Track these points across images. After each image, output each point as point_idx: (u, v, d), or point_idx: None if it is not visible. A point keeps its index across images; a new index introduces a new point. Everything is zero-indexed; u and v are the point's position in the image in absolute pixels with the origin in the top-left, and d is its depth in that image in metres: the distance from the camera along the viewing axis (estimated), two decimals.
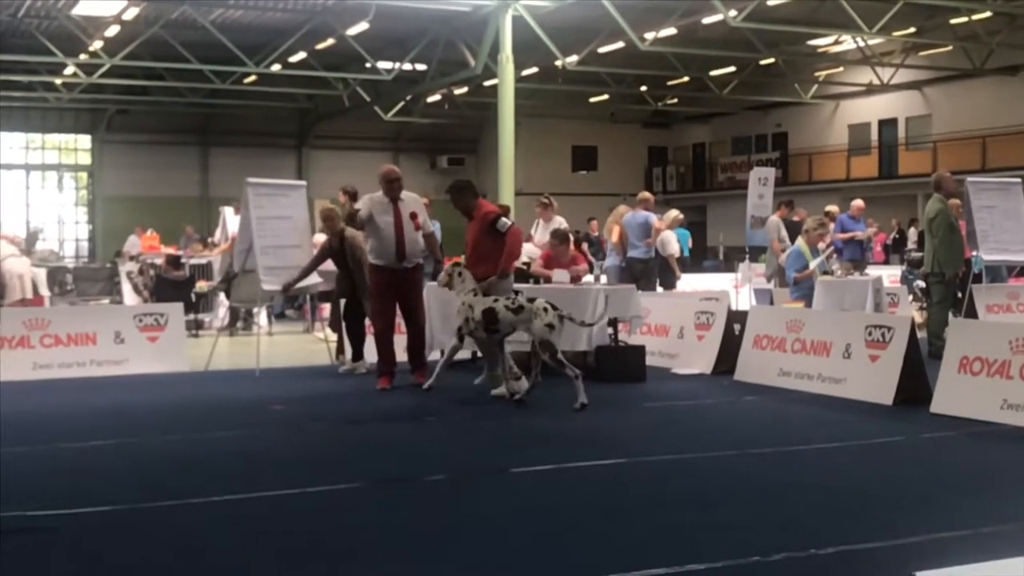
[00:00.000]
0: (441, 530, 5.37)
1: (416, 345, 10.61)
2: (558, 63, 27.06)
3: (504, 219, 9.80)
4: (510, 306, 9.30)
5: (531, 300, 9.42)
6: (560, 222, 14.09)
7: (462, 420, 8.82)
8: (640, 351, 10.93)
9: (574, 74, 30.04)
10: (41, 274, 16.65)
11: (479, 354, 12.21)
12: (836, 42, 30.60)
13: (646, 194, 15.99)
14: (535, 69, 29.86)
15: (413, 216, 10.27)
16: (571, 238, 12.99)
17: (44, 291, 16.46)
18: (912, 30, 28.40)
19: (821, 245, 13.18)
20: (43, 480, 6.61)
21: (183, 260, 18.31)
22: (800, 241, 12.86)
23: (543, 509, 5.80)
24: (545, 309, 9.18)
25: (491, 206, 10.17)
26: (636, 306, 11.17)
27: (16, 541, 5.24)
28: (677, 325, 11.80)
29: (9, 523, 5.51)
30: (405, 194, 10.48)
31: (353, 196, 12.66)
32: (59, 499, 5.99)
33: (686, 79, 33.24)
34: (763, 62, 31.47)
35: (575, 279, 12.13)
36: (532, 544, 5.13)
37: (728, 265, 25.32)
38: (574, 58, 27.28)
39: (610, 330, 10.89)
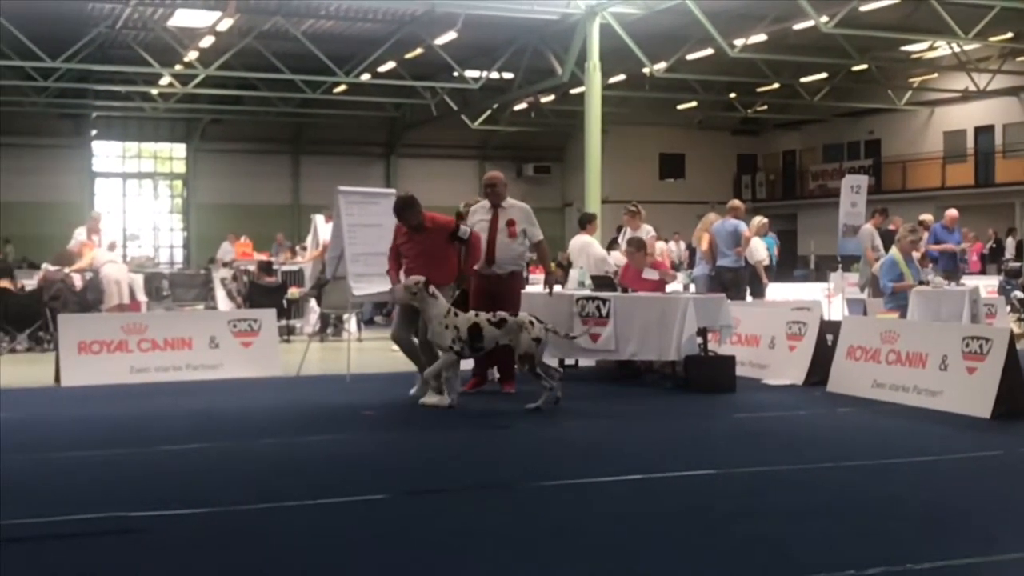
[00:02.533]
0: (530, 538, 5.36)
1: (503, 354, 10.61)
2: (646, 70, 26.94)
3: (464, 226, 10.02)
4: (492, 320, 9.38)
5: (513, 316, 9.51)
6: (648, 230, 14.02)
7: (548, 429, 8.81)
8: (730, 361, 10.81)
9: (662, 81, 29.90)
10: (138, 280, 17.06)
11: (567, 361, 12.25)
12: (931, 48, 30.00)
13: (736, 202, 15.84)
14: (622, 76, 29.76)
15: (510, 223, 10.34)
16: (646, 244, 12.90)
17: (141, 296, 16.86)
18: (1009, 35, 27.69)
19: (916, 254, 12.93)
20: (140, 482, 6.75)
21: (275, 267, 18.62)
22: (894, 250, 12.63)
23: (631, 520, 5.76)
24: (531, 323, 9.32)
25: (442, 216, 10.29)
26: (726, 315, 11.05)
27: (113, 542, 5.36)
28: (768, 335, 11.65)
29: (107, 524, 5.65)
30: (511, 202, 10.58)
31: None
32: (155, 501, 6.11)
33: (776, 86, 32.86)
34: (855, 68, 30.97)
35: (661, 283, 12.05)
36: (619, 555, 5.10)
37: (819, 274, 24.93)
38: (662, 65, 27.13)
39: (699, 340, 10.79)
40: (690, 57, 27.37)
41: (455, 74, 28.51)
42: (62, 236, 25.64)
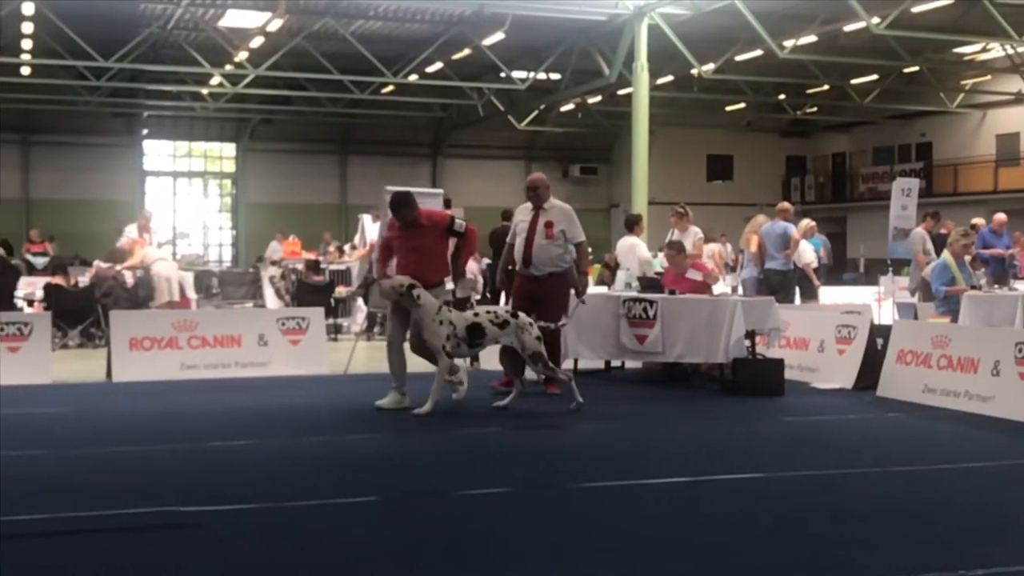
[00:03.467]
0: (576, 539, 5.36)
1: (548, 355, 10.58)
2: (694, 71, 26.80)
3: (459, 220, 9.88)
4: (495, 320, 9.33)
5: (514, 315, 9.45)
6: (696, 232, 13.96)
7: (594, 430, 8.80)
8: (778, 364, 10.73)
9: (710, 82, 29.74)
10: (188, 277, 17.25)
11: (613, 363, 12.22)
12: (984, 50, 29.57)
13: (785, 204, 15.73)
14: (670, 77, 29.63)
15: (548, 225, 10.33)
16: (684, 247, 12.84)
17: (191, 294, 17.05)
18: None
19: (967, 258, 12.77)
20: (190, 477, 6.83)
21: (323, 266, 18.75)
22: (946, 254, 12.48)
23: (678, 522, 5.74)
24: (530, 323, 9.33)
25: (438, 212, 10.20)
26: (775, 318, 10.97)
27: (165, 536, 5.42)
28: (817, 339, 11.55)
29: (159, 518, 5.72)
30: (553, 203, 10.55)
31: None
32: (206, 496, 6.18)
33: (826, 87, 32.56)
34: (907, 70, 30.61)
35: (703, 285, 11.98)
36: (666, 557, 5.09)
37: (869, 278, 24.68)
38: (710, 66, 26.97)
39: (748, 343, 10.72)
40: (739, 58, 27.19)
41: (502, 75, 28.53)
42: (114, 234, 26.04)
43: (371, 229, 16.70)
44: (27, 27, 24.27)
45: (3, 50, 25.56)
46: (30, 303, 15.90)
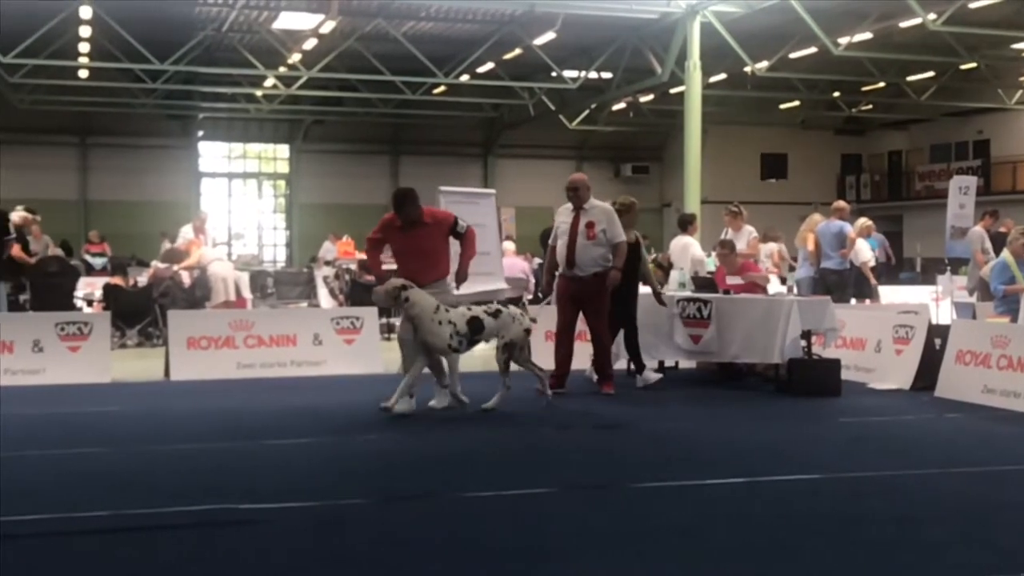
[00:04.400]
0: (635, 539, 5.34)
1: (599, 355, 10.59)
2: (747, 69, 26.61)
3: (462, 221, 9.66)
4: (489, 311, 9.24)
5: (505, 305, 9.45)
6: (750, 231, 13.88)
7: (650, 430, 8.77)
8: (835, 365, 10.63)
9: (764, 80, 29.51)
10: (244, 277, 17.41)
11: (667, 363, 12.17)
12: None
13: (841, 203, 15.59)
14: (723, 76, 29.43)
15: (589, 225, 10.31)
16: (736, 246, 12.76)
17: (247, 294, 17.21)
18: None
19: None
20: (248, 475, 6.90)
21: None
22: (1006, 252, 12.28)
23: (736, 522, 5.70)
24: (521, 314, 9.29)
25: (441, 211, 9.97)
26: (831, 318, 10.86)
27: (224, 533, 5.48)
28: (874, 339, 11.43)
29: (218, 515, 5.78)
30: (593, 203, 10.53)
31: None
32: (264, 493, 6.24)
33: (882, 84, 32.17)
34: (964, 67, 30.14)
35: (753, 285, 11.89)
36: (726, 557, 5.06)
37: (926, 277, 24.36)
38: (764, 64, 26.77)
39: (803, 343, 10.63)
40: (793, 56, 26.96)
41: (553, 74, 28.50)
42: (158, 236, 26.38)
43: None
44: (85, 31, 24.63)
45: (61, 53, 25.97)
46: (89, 303, 16.15)
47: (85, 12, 22.73)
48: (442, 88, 30.43)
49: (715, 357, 11.47)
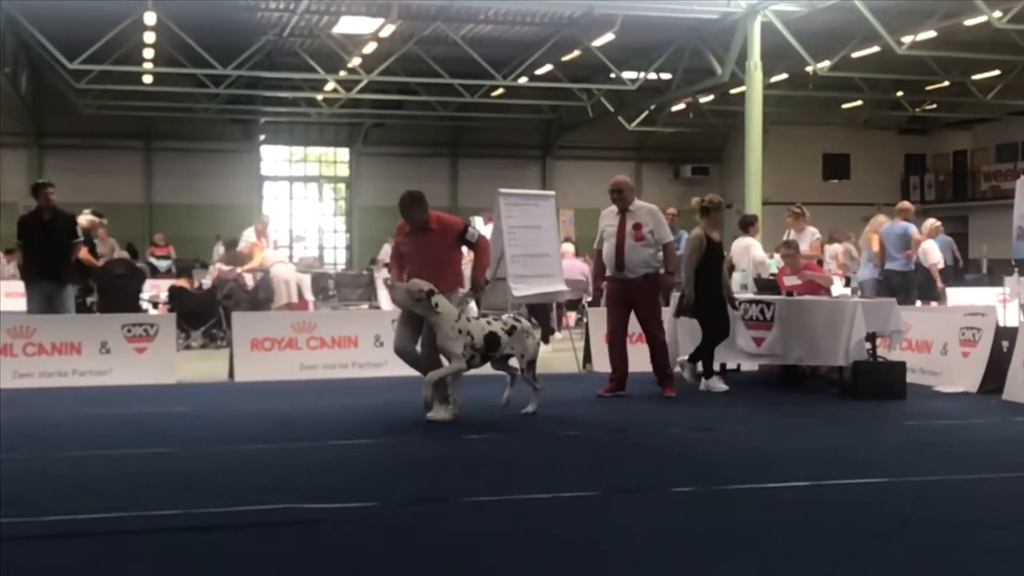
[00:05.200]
0: (691, 543, 5.31)
1: (657, 357, 10.52)
2: (809, 69, 26.33)
3: (472, 228, 9.36)
4: (505, 328, 8.99)
5: (517, 320, 9.21)
6: (813, 233, 13.74)
7: (713, 434, 8.71)
8: (900, 367, 10.48)
9: (826, 80, 29.18)
10: (306, 280, 17.57)
11: (729, 365, 12.07)
12: None
13: (906, 204, 15.37)
14: (784, 75, 29.18)
15: (636, 227, 10.26)
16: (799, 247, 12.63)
17: (308, 296, 17.37)
18: None
19: None
20: (312, 475, 6.95)
21: None
22: None
23: (801, 527, 5.64)
24: (532, 328, 9.14)
25: (450, 216, 9.61)
26: (896, 320, 10.71)
27: (288, 532, 5.53)
28: (940, 341, 11.25)
29: (282, 515, 5.83)
30: (638, 204, 10.48)
31: None
32: (328, 494, 6.29)
33: (946, 84, 31.70)
34: None
35: (814, 285, 11.76)
36: (789, 561, 5.00)
37: (992, 279, 23.94)
38: (826, 64, 26.48)
39: (868, 345, 10.50)
40: (855, 55, 26.63)
41: (612, 75, 28.44)
42: (212, 239, 26.69)
43: (482, 231, 16.78)
44: (149, 36, 25.01)
45: (127, 59, 26.40)
46: (155, 305, 16.39)
47: (150, 18, 23.07)
48: (501, 90, 30.48)
49: (778, 360, 11.37)
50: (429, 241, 9.05)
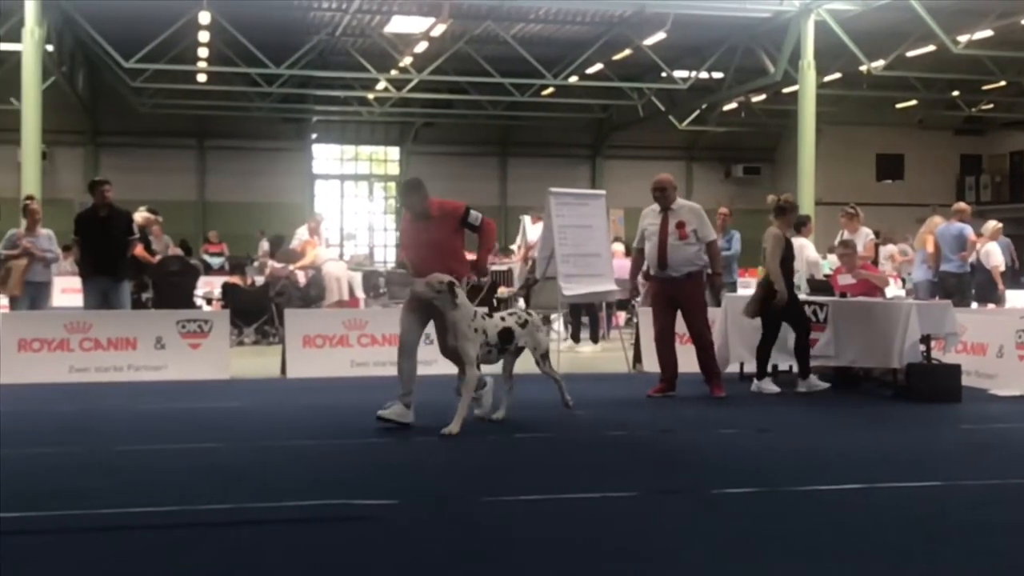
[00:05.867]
0: (742, 547, 5.26)
1: (703, 357, 10.45)
2: (863, 68, 26.08)
3: (474, 212, 8.86)
4: (519, 322, 8.81)
5: (529, 314, 9.07)
6: (867, 233, 13.60)
7: (761, 435, 8.65)
8: (955, 370, 10.35)
9: (880, 79, 28.89)
10: (357, 277, 17.68)
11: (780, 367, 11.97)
12: None
13: (962, 205, 15.17)
14: (838, 75, 28.92)
15: (679, 225, 10.20)
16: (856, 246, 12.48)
17: (359, 293, 17.47)
18: None
19: None
20: (365, 471, 7.00)
21: None
22: None
23: (854, 530, 5.57)
24: (542, 320, 9.00)
25: (451, 202, 9.11)
26: (952, 323, 10.57)
27: (341, 528, 5.56)
28: (996, 344, 11.08)
29: (334, 511, 5.87)
30: (681, 203, 10.44)
31: None
32: (381, 490, 6.32)
33: (1003, 83, 31.26)
34: None
35: (868, 285, 11.64)
36: (843, 564, 4.95)
37: None
38: (880, 63, 26.21)
39: (923, 347, 10.37)
40: (910, 54, 26.33)
41: (663, 74, 28.34)
42: (257, 236, 26.86)
43: (531, 230, 16.81)
44: (203, 36, 25.30)
45: (181, 58, 26.72)
46: (208, 301, 16.58)
47: (204, 18, 23.34)
48: (551, 89, 30.48)
49: (830, 361, 11.26)
50: (431, 228, 8.70)
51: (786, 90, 28.10)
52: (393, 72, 28.63)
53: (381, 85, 30.47)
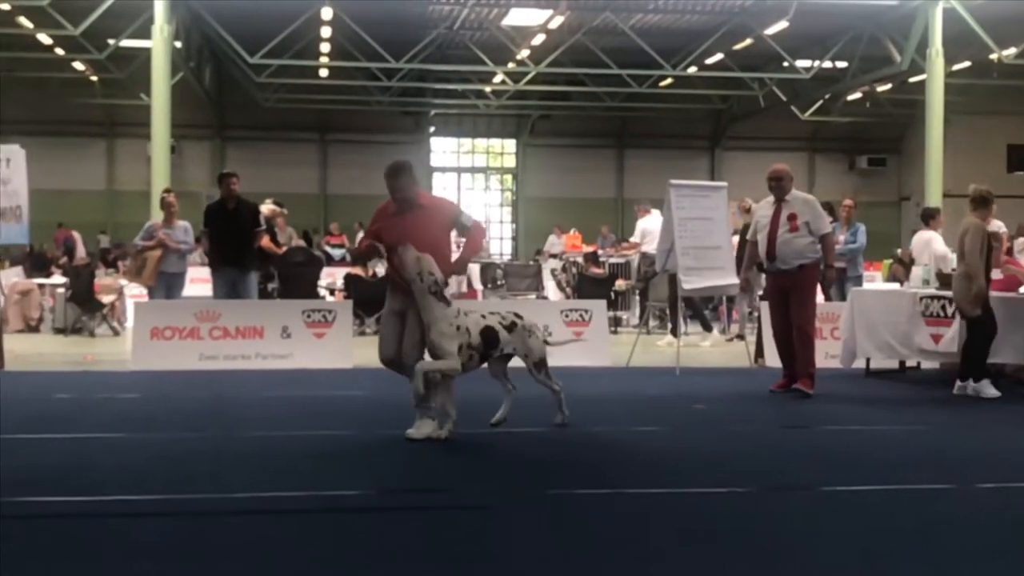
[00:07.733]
0: (857, 542, 5.15)
1: (801, 351, 10.07)
2: (993, 56, 25.28)
3: (466, 212, 8.28)
4: (503, 323, 7.88)
5: (518, 316, 8.04)
6: (999, 226, 13.16)
7: (882, 430, 8.46)
8: None
9: (1011, 68, 27.92)
10: (475, 270, 17.81)
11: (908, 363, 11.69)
12: None
13: None
14: (967, 63, 28.08)
15: (791, 217, 9.99)
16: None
17: (477, 285, 17.60)
18: None
19: None
20: (479, 462, 7.08)
21: (602, 259, 18.93)
22: None
23: (981, 529, 5.43)
24: (535, 325, 8.13)
25: (439, 197, 8.48)
26: None
27: (453, 517, 5.62)
28: None
29: (449, 498, 5.94)
30: (795, 195, 10.21)
31: None
32: (494, 479, 6.39)
33: None
34: None
35: (1011, 279, 11.26)
36: (961, 562, 4.82)
37: None
38: (1012, 51, 25.36)
39: None
40: None
41: (785, 64, 27.89)
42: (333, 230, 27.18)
43: (639, 223, 16.68)
44: (325, 31, 25.77)
45: (304, 54, 27.27)
46: (331, 292, 16.88)
47: (326, 13, 23.79)
48: (669, 80, 30.26)
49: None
50: (418, 221, 7.81)
51: (913, 79, 27.42)
52: (510, 65, 28.75)
53: (498, 78, 30.63)
